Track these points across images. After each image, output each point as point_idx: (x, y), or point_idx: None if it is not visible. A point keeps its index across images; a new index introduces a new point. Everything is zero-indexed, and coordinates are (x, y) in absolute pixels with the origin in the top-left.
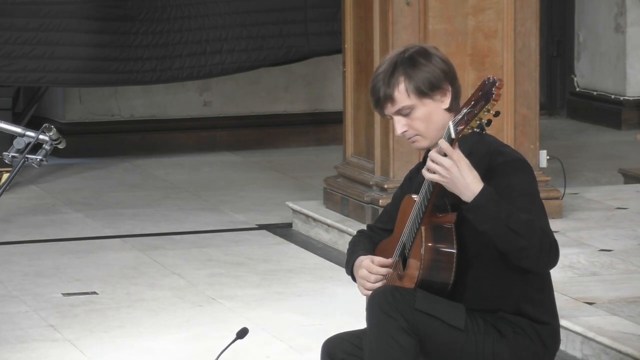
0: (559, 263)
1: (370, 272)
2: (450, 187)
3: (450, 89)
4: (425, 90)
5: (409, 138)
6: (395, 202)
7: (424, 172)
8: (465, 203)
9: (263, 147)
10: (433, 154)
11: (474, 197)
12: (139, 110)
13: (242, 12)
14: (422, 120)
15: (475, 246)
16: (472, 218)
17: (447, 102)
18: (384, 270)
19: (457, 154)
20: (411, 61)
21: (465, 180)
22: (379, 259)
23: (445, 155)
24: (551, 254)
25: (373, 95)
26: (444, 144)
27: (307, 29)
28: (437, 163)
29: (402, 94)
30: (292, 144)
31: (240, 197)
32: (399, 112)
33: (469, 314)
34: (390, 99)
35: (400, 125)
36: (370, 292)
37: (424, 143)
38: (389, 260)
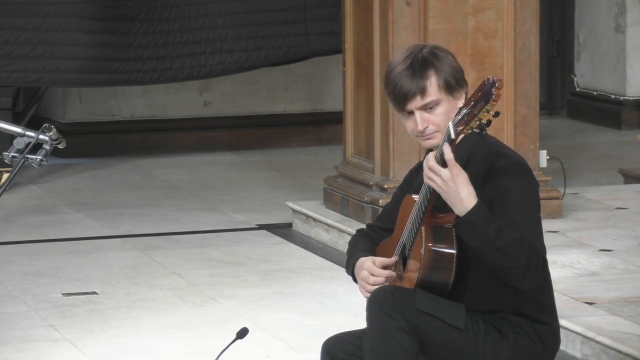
0: (559, 263)
1: (371, 274)
2: (445, 198)
3: (465, 87)
4: (454, 85)
5: (427, 135)
6: (395, 202)
7: (425, 177)
8: (457, 216)
9: (263, 147)
10: (433, 163)
11: (466, 212)
12: (139, 110)
13: (242, 12)
14: (443, 115)
15: None
16: (462, 233)
17: (462, 101)
18: (385, 273)
19: (456, 168)
20: (435, 56)
21: (460, 195)
22: (380, 260)
23: (444, 165)
24: (538, 273)
25: (399, 91)
26: (448, 153)
27: (307, 29)
28: (435, 173)
29: (433, 86)
30: (292, 144)
31: (240, 197)
32: (424, 107)
33: (469, 314)
34: (422, 91)
35: (422, 121)
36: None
37: (438, 140)
38: (391, 260)
